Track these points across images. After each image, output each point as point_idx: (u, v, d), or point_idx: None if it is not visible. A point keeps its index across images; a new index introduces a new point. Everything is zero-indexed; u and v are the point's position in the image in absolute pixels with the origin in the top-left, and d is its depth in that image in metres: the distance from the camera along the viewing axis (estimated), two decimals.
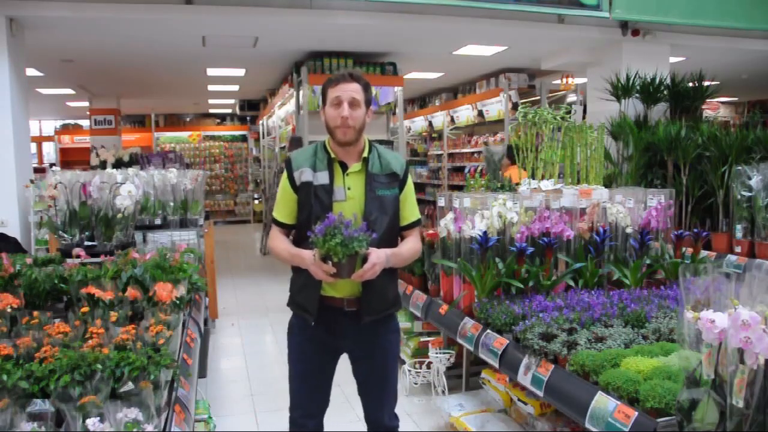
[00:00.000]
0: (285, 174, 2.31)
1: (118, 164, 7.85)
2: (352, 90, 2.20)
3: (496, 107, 9.10)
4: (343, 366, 2.44)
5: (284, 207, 2.32)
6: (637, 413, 1.89)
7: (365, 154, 2.29)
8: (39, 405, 1.63)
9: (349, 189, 2.25)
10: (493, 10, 5.78)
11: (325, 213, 2.16)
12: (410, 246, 2.34)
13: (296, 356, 2.39)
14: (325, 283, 2.19)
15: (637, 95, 6.28)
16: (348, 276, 2.08)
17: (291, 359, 2.41)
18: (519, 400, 3.11)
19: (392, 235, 2.31)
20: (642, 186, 5.04)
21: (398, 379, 2.51)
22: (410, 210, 2.37)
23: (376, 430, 2.45)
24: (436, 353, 3.68)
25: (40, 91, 10.46)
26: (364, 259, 2.10)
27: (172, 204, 4.74)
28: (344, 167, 2.28)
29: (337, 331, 2.31)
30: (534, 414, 3.00)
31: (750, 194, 4.08)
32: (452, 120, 10.84)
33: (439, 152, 11.30)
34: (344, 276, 2.07)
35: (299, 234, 2.30)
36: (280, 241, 2.32)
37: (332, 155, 2.28)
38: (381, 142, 7.49)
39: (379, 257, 2.12)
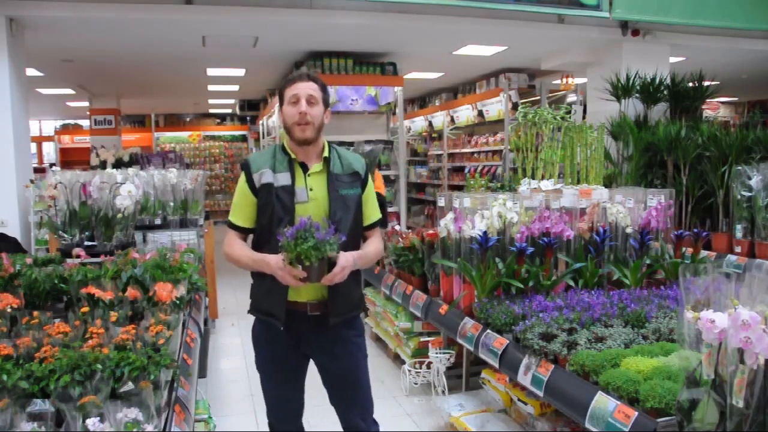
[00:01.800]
0: (243, 177, 2.27)
1: (118, 164, 7.86)
2: (309, 88, 2.20)
3: (496, 107, 9.09)
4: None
5: (242, 211, 2.28)
6: (637, 413, 1.89)
7: (326, 154, 2.28)
8: (39, 405, 1.63)
9: (311, 190, 2.23)
10: (493, 10, 5.78)
11: (288, 214, 2.15)
12: (374, 247, 2.34)
13: (265, 363, 2.37)
14: (290, 287, 2.16)
15: (637, 95, 6.28)
16: (317, 280, 2.06)
17: (260, 366, 2.38)
18: (519, 400, 3.11)
19: (356, 235, 2.30)
20: (642, 186, 5.04)
21: (373, 384, 2.45)
22: (372, 209, 2.36)
23: None
24: (436, 353, 3.67)
25: (40, 91, 10.46)
26: (331, 263, 2.08)
27: (172, 204, 4.74)
28: (305, 168, 2.25)
29: (302, 337, 2.28)
30: (534, 414, 3.00)
31: (750, 194, 4.08)
32: (452, 120, 10.83)
33: (439, 152, 11.30)
34: (313, 280, 2.05)
35: (259, 237, 2.27)
36: (239, 247, 2.27)
37: (292, 156, 2.25)
38: (381, 142, 7.50)
39: (347, 260, 2.11)
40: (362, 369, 2.39)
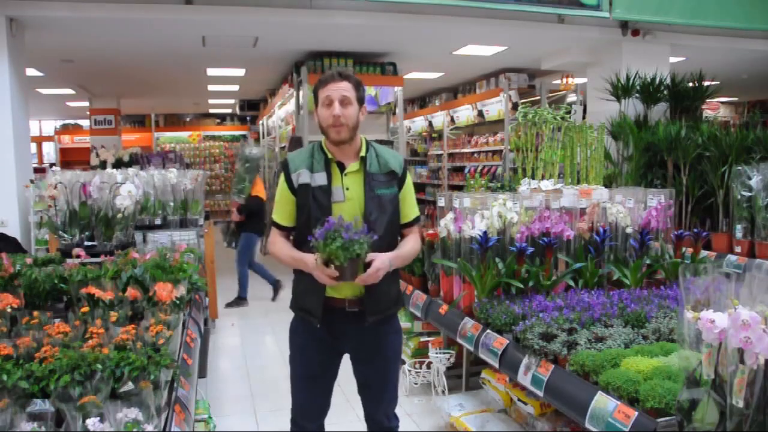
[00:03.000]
0: (282, 176, 2.30)
1: (118, 164, 7.85)
2: (342, 88, 2.19)
3: (496, 107, 9.09)
4: (344, 366, 2.44)
5: (283, 209, 2.31)
6: (637, 413, 1.89)
7: (362, 153, 2.28)
8: (39, 405, 1.63)
9: (347, 189, 2.24)
10: (493, 10, 5.78)
11: (324, 214, 2.16)
12: (411, 246, 2.34)
13: (299, 359, 2.38)
14: (328, 285, 2.19)
15: (637, 95, 6.28)
16: (351, 279, 2.08)
17: (293, 361, 2.40)
18: (519, 400, 3.11)
19: (393, 234, 2.31)
20: (642, 186, 5.04)
21: (399, 380, 2.51)
22: (410, 208, 2.37)
23: (375, 430, 2.45)
24: (436, 353, 3.67)
25: (40, 91, 10.46)
26: (367, 262, 2.09)
27: (172, 204, 4.74)
28: (342, 167, 2.26)
29: (340, 332, 2.30)
30: (534, 414, 3.00)
31: (750, 194, 4.08)
32: (452, 120, 10.83)
33: (439, 152, 11.30)
34: (347, 279, 2.07)
35: (299, 236, 2.29)
36: (281, 245, 2.31)
37: (329, 155, 2.26)
38: (381, 142, 7.50)
39: (382, 263, 2.12)
40: (393, 368, 2.42)
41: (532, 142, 4.37)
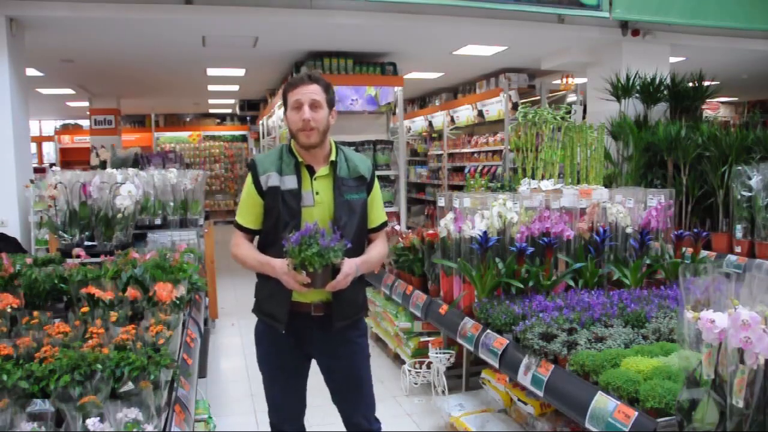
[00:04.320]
0: (249, 178, 2.25)
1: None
2: (311, 92, 2.16)
3: (496, 107, 9.09)
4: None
5: (249, 212, 2.26)
6: (637, 413, 1.89)
7: (332, 158, 2.25)
8: (39, 405, 1.63)
9: (317, 194, 2.21)
10: (493, 10, 5.77)
11: (294, 218, 2.14)
12: (378, 251, 2.33)
13: (267, 363, 2.36)
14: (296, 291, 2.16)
15: (637, 95, 6.28)
16: (321, 286, 2.06)
17: (261, 364, 2.38)
18: (519, 400, 3.11)
19: (361, 239, 2.29)
20: (642, 186, 5.04)
21: (373, 384, 2.45)
22: (377, 213, 2.34)
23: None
24: (436, 353, 3.67)
25: (40, 91, 10.45)
26: (335, 268, 2.07)
27: (172, 204, 4.74)
28: (311, 171, 2.23)
29: (305, 338, 2.28)
30: (534, 414, 3.00)
31: (750, 194, 4.08)
32: (452, 120, 10.83)
33: (439, 152, 11.30)
34: (318, 286, 2.05)
35: (265, 239, 2.26)
36: (245, 248, 2.27)
37: (299, 159, 2.23)
38: (381, 142, 7.51)
39: (351, 268, 2.11)
40: (365, 369, 2.39)
41: (532, 142, 4.37)
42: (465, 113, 10.25)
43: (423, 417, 3.70)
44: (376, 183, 2.35)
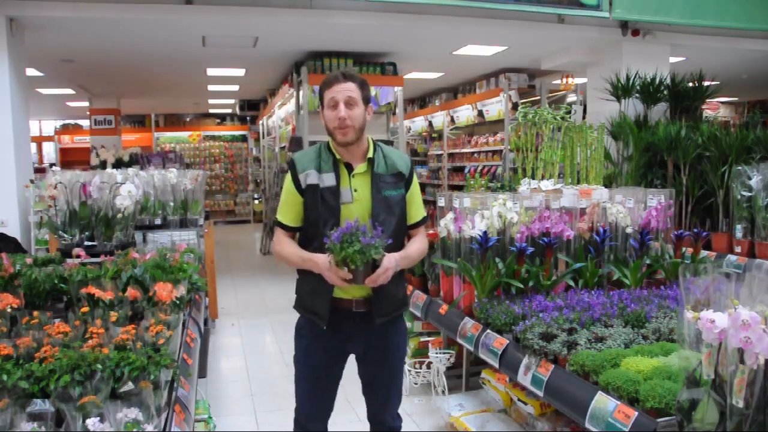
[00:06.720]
0: (289, 176, 2.27)
1: (118, 164, 7.86)
2: (347, 89, 2.17)
3: (496, 107, 9.10)
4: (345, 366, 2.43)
5: (289, 210, 2.29)
6: (637, 413, 1.89)
7: (370, 154, 2.27)
8: (39, 405, 1.63)
9: (355, 191, 2.23)
10: (493, 10, 5.78)
11: (333, 216, 2.15)
12: (417, 246, 2.34)
13: (304, 359, 2.36)
14: (339, 286, 2.17)
15: (637, 95, 6.28)
16: (362, 282, 2.07)
17: (298, 362, 2.38)
18: (519, 400, 3.11)
19: (400, 235, 2.30)
20: (642, 186, 5.04)
21: (403, 380, 2.51)
22: (416, 209, 2.36)
23: (379, 430, 2.45)
24: (436, 353, 3.67)
25: (40, 91, 10.46)
26: (375, 264, 2.08)
27: (172, 204, 4.74)
28: (349, 168, 2.25)
29: (347, 334, 2.29)
30: (534, 414, 3.00)
31: (750, 194, 4.08)
32: (452, 120, 10.84)
33: (439, 152, 11.30)
34: (359, 282, 2.07)
35: (305, 236, 2.28)
36: (287, 245, 2.28)
37: (337, 156, 2.25)
38: (381, 142, 7.49)
39: (390, 262, 2.11)
40: (398, 368, 2.43)
41: (532, 142, 4.37)
42: (465, 113, 10.26)
43: (423, 417, 3.70)
44: (415, 179, 2.36)
